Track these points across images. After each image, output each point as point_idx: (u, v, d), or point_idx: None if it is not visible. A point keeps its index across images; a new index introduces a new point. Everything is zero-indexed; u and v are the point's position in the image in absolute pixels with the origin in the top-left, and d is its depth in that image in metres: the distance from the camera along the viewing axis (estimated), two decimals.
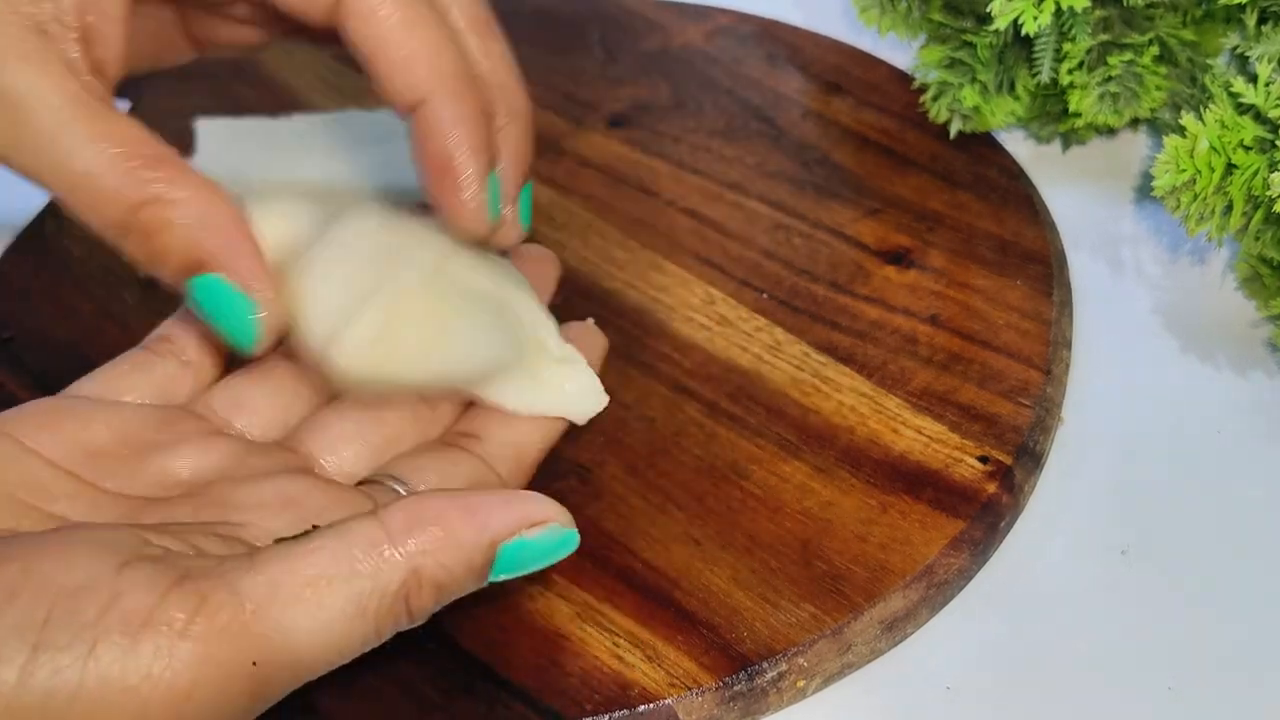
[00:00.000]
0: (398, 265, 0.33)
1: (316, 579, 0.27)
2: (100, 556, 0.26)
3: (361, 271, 0.33)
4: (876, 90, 0.55)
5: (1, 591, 0.25)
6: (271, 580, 0.26)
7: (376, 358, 0.32)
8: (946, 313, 0.45)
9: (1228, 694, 0.36)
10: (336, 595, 0.27)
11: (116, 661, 0.24)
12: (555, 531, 0.30)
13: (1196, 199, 0.42)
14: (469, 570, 0.29)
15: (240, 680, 0.26)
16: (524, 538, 0.29)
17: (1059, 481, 0.42)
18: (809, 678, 0.36)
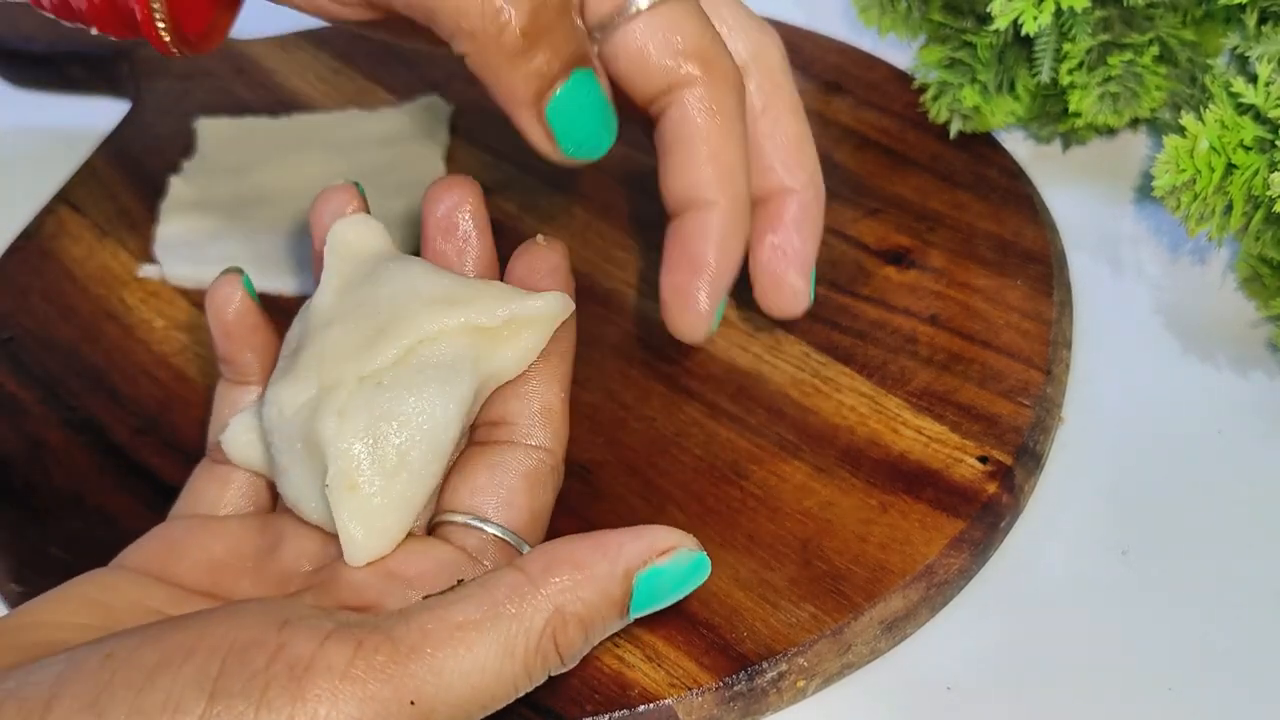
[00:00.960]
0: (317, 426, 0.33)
1: (465, 623, 0.28)
2: (265, 617, 0.28)
3: (308, 465, 0.34)
4: (876, 90, 0.55)
5: (178, 650, 0.27)
6: (423, 627, 0.28)
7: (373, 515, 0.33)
8: (946, 313, 0.45)
9: (1228, 694, 0.36)
10: (485, 637, 0.28)
11: (286, 706, 0.26)
12: (685, 557, 0.31)
13: (1197, 199, 0.42)
14: (609, 603, 0.30)
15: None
16: (656, 565, 0.31)
17: (1059, 481, 0.42)
18: (809, 678, 0.36)
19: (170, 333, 0.47)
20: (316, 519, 0.34)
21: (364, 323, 0.34)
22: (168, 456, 0.42)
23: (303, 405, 0.34)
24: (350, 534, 0.33)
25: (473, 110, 0.55)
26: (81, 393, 0.45)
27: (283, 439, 0.34)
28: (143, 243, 0.50)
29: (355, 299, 0.35)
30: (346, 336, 0.34)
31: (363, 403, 0.33)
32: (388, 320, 0.34)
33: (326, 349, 0.34)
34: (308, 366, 0.34)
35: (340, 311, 0.35)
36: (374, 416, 0.33)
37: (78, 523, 0.41)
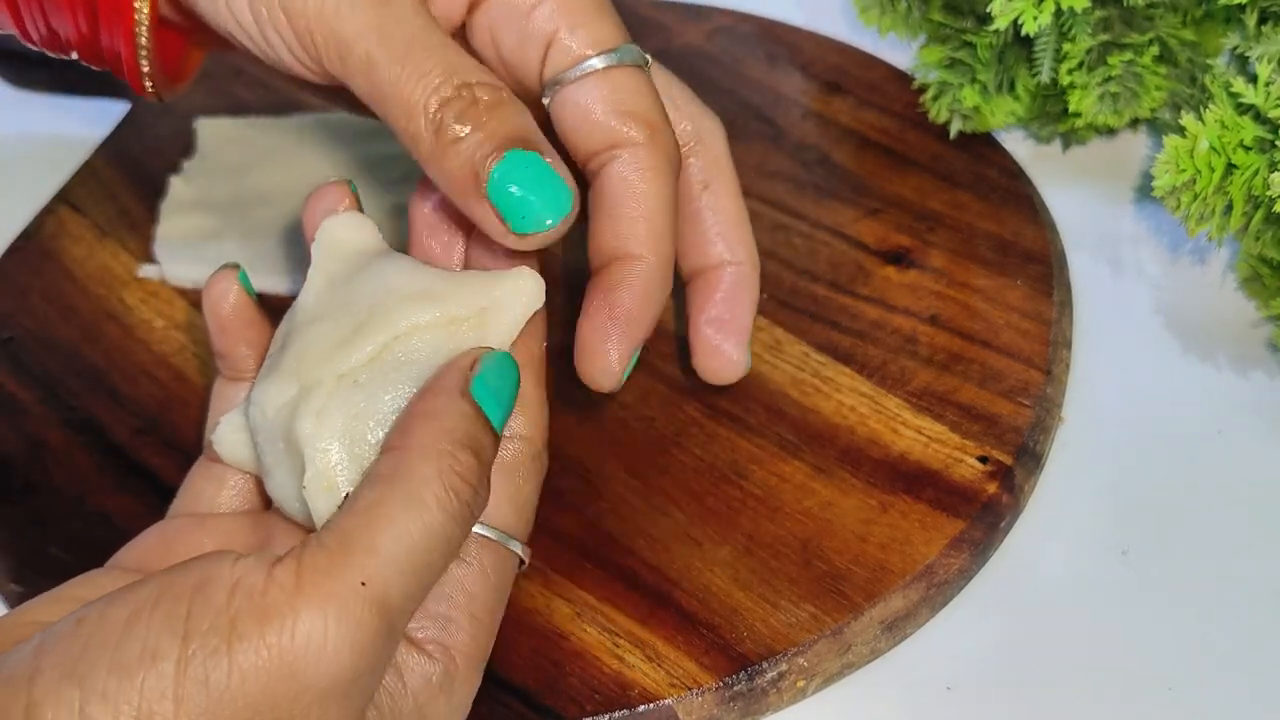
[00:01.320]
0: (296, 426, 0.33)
1: (373, 502, 0.30)
2: (218, 560, 0.29)
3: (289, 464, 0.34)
4: (876, 90, 0.55)
5: (145, 603, 0.28)
6: (340, 525, 0.29)
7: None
8: (946, 313, 0.45)
9: (1228, 694, 0.36)
10: (395, 504, 0.30)
11: (255, 631, 0.27)
12: (489, 360, 0.32)
13: (1196, 199, 0.42)
14: (457, 406, 0.31)
15: (362, 610, 0.28)
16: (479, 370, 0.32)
17: (1059, 481, 0.42)
18: (809, 678, 0.36)
19: (170, 333, 0.47)
20: (300, 519, 0.34)
21: (344, 321, 0.34)
22: (168, 456, 0.42)
23: (284, 405, 0.34)
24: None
25: None
26: (81, 393, 0.45)
27: (266, 439, 0.34)
28: (143, 243, 0.50)
29: (339, 297, 0.35)
30: (327, 335, 0.34)
31: (340, 402, 0.33)
32: (366, 318, 0.34)
33: (308, 348, 0.34)
34: (290, 366, 0.34)
35: (323, 310, 0.35)
36: (350, 416, 0.33)
37: (78, 523, 0.41)
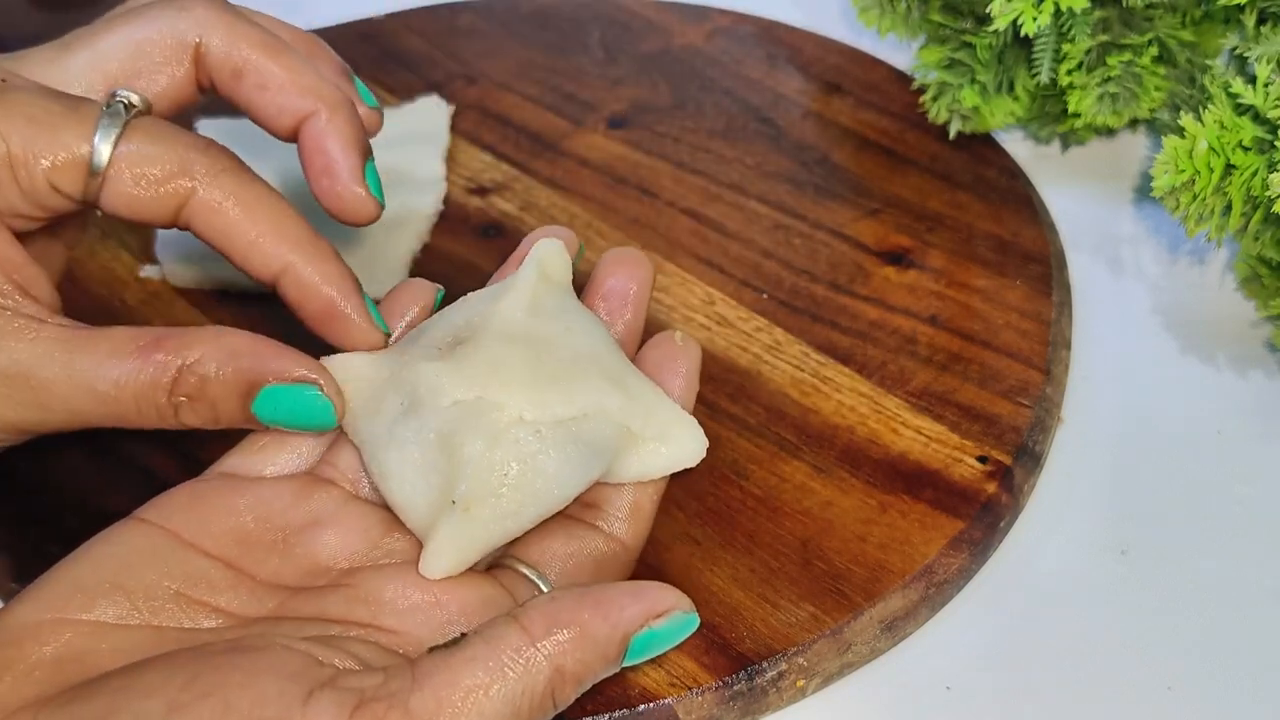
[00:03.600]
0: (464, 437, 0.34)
1: (474, 688, 0.29)
2: (288, 688, 0.29)
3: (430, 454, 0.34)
4: (876, 91, 0.55)
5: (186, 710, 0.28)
6: (436, 695, 0.29)
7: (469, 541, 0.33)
8: (946, 313, 0.45)
9: (1228, 694, 0.36)
10: (493, 701, 0.30)
11: None
12: (678, 619, 0.32)
13: (1195, 199, 0.42)
14: (605, 661, 0.31)
15: None
16: (652, 628, 0.32)
17: (1059, 481, 0.42)
18: (809, 677, 0.36)
19: None
20: (397, 500, 0.34)
21: (546, 359, 0.35)
22: (168, 456, 0.42)
23: (459, 404, 0.34)
24: (441, 550, 0.33)
25: (473, 110, 0.55)
26: None
27: (419, 417, 0.34)
28: (144, 243, 0.50)
29: (542, 330, 0.36)
30: (525, 365, 0.34)
31: (515, 442, 0.34)
32: (567, 372, 0.35)
33: (502, 366, 0.34)
34: (478, 371, 0.34)
35: (526, 334, 0.35)
36: (520, 459, 0.34)
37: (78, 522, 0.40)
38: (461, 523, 0.33)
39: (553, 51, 0.58)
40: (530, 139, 0.54)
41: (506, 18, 0.60)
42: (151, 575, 0.32)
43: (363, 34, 0.59)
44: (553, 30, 0.59)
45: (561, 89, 0.56)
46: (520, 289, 0.36)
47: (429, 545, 0.33)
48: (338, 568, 0.34)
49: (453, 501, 0.33)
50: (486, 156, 0.53)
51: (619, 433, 0.35)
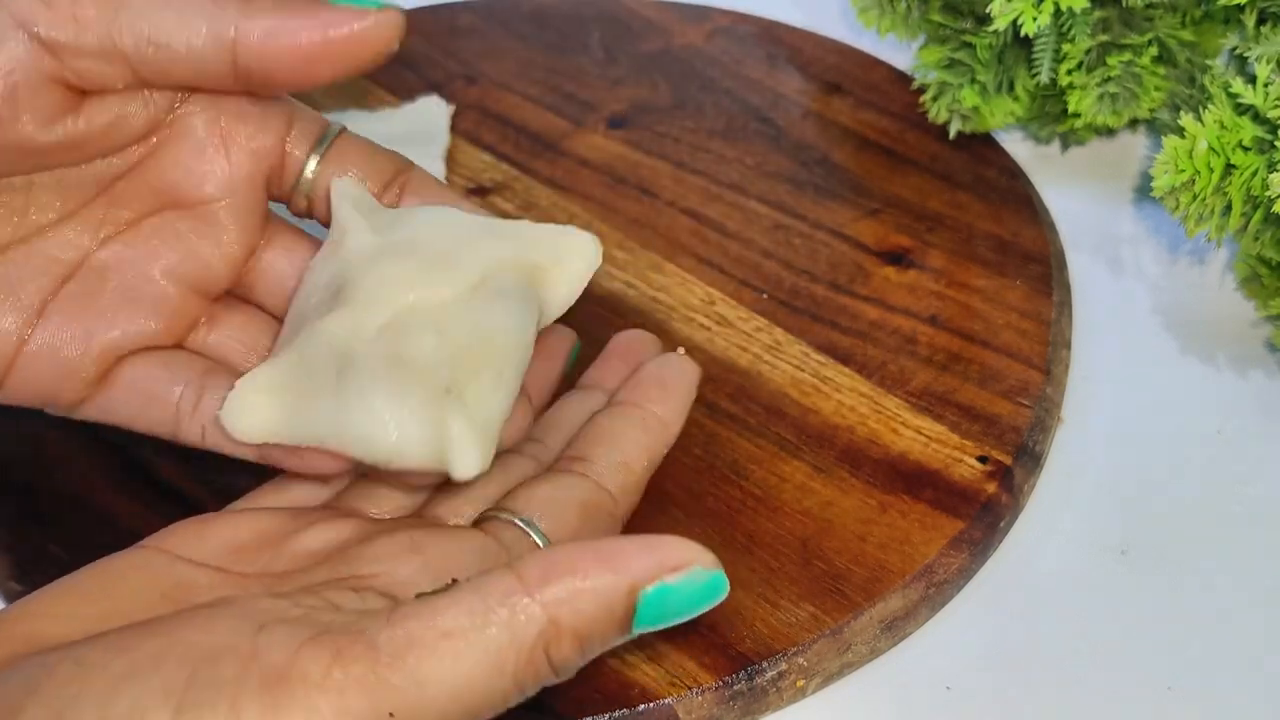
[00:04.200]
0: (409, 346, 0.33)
1: (452, 631, 0.27)
2: (240, 621, 0.27)
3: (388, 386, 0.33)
4: (876, 91, 0.55)
5: (148, 659, 0.26)
6: (408, 633, 0.27)
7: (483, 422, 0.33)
8: (946, 313, 0.45)
9: (1228, 694, 0.36)
10: (472, 647, 0.27)
11: (257, 716, 0.25)
12: (700, 575, 0.28)
13: (1195, 199, 0.42)
14: (610, 618, 0.28)
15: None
16: (666, 583, 0.28)
17: (1059, 481, 0.42)
18: (809, 677, 0.36)
19: None
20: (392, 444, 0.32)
21: (418, 256, 0.34)
22: (167, 456, 0.42)
23: (384, 329, 0.33)
24: (464, 443, 0.32)
25: (473, 110, 0.55)
26: None
27: (357, 366, 0.33)
28: None
29: (395, 238, 0.35)
30: (406, 268, 0.34)
31: (456, 320, 0.33)
32: (449, 251, 0.35)
33: (387, 279, 0.34)
34: (371, 295, 0.34)
35: (384, 249, 0.35)
36: (466, 331, 0.33)
37: (77, 522, 0.41)
38: (464, 408, 0.32)
39: (553, 51, 0.58)
40: (530, 139, 0.54)
41: (506, 18, 0.60)
42: (138, 581, 0.31)
43: None
44: (553, 30, 0.59)
45: (561, 89, 0.56)
46: (347, 224, 0.36)
47: (453, 448, 0.32)
48: (323, 551, 0.33)
49: (447, 390, 0.32)
50: (486, 156, 0.53)
51: (528, 272, 0.35)
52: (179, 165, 0.36)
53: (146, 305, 0.35)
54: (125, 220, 0.36)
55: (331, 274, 0.35)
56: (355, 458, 0.33)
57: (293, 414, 0.34)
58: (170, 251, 0.36)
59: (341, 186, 0.37)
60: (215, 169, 0.36)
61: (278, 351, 0.35)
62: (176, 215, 0.36)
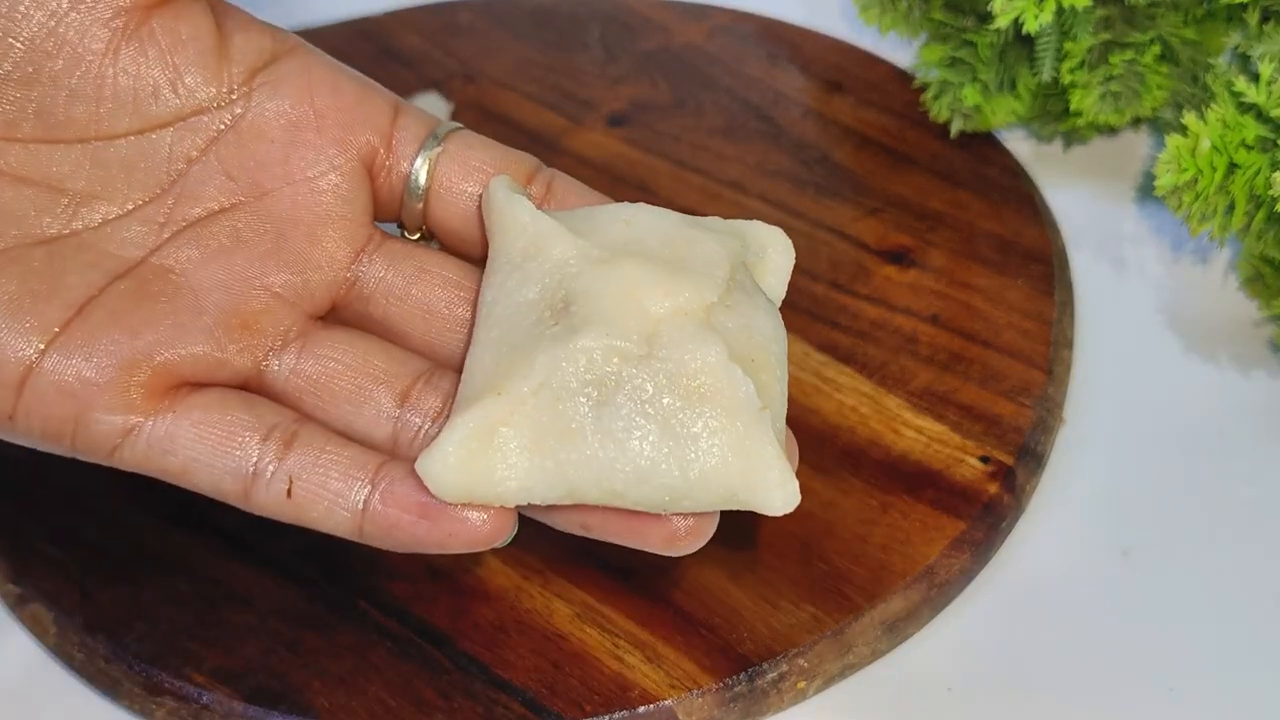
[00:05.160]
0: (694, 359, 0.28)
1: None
2: None
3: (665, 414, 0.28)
4: (877, 89, 0.55)
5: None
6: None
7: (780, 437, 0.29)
8: (947, 312, 0.45)
9: (1228, 694, 0.36)
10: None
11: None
12: None
13: (1198, 198, 0.42)
14: None
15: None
16: None
17: (1060, 482, 0.42)
18: (809, 679, 0.36)
19: None
20: (691, 481, 0.28)
21: (655, 260, 0.29)
22: None
23: (648, 344, 0.28)
24: (785, 473, 0.28)
25: (472, 108, 0.55)
26: None
27: (629, 392, 0.28)
28: None
29: (610, 243, 0.30)
30: (653, 275, 0.29)
31: (729, 328, 0.29)
32: (683, 254, 0.30)
33: (632, 289, 0.29)
34: (620, 309, 0.29)
35: (607, 257, 0.30)
36: (747, 340, 0.29)
37: (76, 522, 0.40)
38: (771, 426, 0.28)
39: (552, 49, 0.58)
40: (529, 137, 0.54)
41: (505, 15, 0.60)
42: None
43: (361, 32, 0.59)
44: (552, 28, 0.59)
45: (561, 87, 0.56)
46: (544, 228, 0.30)
47: (769, 480, 0.28)
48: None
49: (762, 409, 0.28)
50: None
51: (751, 269, 0.32)
52: (260, 145, 0.30)
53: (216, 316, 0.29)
54: (197, 214, 0.30)
55: (542, 287, 0.30)
56: (627, 506, 0.29)
57: (533, 462, 0.28)
58: (251, 252, 0.30)
59: (505, 183, 0.32)
60: (306, 150, 0.30)
61: (486, 388, 0.29)
62: (259, 208, 0.30)
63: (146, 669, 0.36)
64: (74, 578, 0.39)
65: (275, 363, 0.30)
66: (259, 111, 0.30)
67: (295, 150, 0.30)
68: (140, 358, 0.28)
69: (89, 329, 0.28)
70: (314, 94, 0.31)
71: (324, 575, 0.38)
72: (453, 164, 0.32)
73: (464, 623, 0.37)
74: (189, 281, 0.29)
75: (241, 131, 0.30)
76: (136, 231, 0.29)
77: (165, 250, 0.29)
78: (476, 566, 0.38)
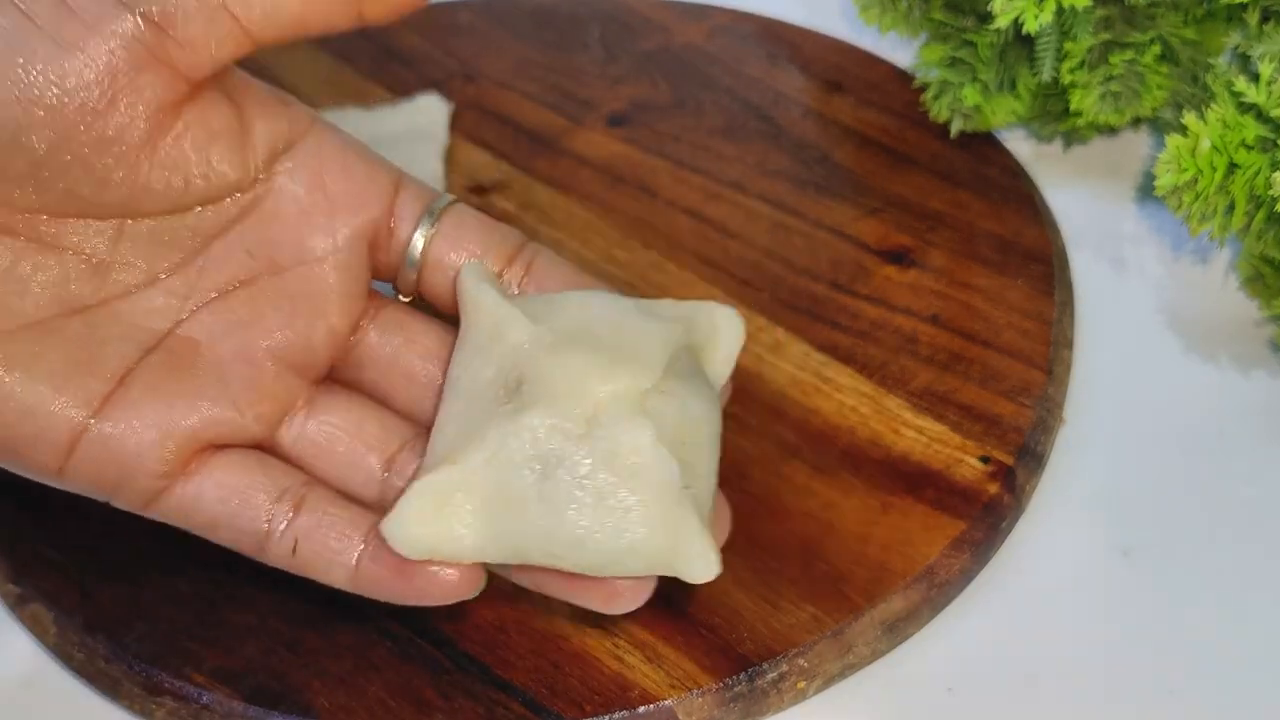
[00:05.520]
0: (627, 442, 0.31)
1: None
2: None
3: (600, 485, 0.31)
4: (877, 89, 0.55)
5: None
6: None
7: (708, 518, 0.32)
8: (947, 312, 0.45)
9: (1229, 694, 0.36)
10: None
11: None
12: None
13: (1198, 198, 0.42)
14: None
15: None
16: None
17: (1060, 482, 0.42)
18: (810, 679, 0.36)
19: None
20: (622, 549, 0.31)
21: (599, 347, 0.33)
22: None
23: (587, 424, 0.31)
24: (703, 547, 0.31)
25: (472, 108, 0.55)
26: None
27: (568, 467, 0.31)
28: None
29: (561, 328, 0.33)
30: (595, 361, 0.32)
31: (662, 411, 0.32)
32: (627, 340, 0.33)
33: (575, 373, 0.32)
34: (564, 391, 0.32)
35: (557, 342, 0.33)
36: (678, 423, 0.32)
37: (76, 523, 0.40)
38: (699, 507, 0.31)
39: (552, 49, 0.58)
40: (529, 137, 0.54)
41: (505, 15, 0.60)
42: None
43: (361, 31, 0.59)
44: (552, 28, 0.59)
45: (561, 87, 0.56)
46: (502, 313, 0.33)
47: (691, 553, 0.31)
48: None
49: (685, 487, 0.31)
50: (485, 155, 0.53)
51: (695, 353, 0.35)
52: (278, 225, 0.33)
53: (238, 387, 0.32)
54: (218, 287, 0.33)
55: (499, 368, 0.33)
56: (566, 568, 0.32)
57: (484, 525, 0.32)
58: (267, 325, 0.33)
59: (475, 270, 0.35)
60: (317, 231, 0.34)
61: (445, 456, 0.32)
62: (273, 284, 0.33)
63: (146, 669, 0.37)
64: (74, 578, 0.39)
65: (286, 428, 0.34)
66: (278, 195, 0.34)
67: (309, 232, 0.34)
68: (175, 428, 0.32)
69: (130, 400, 0.32)
70: (326, 178, 0.34)
71: None
72: (445, 241, 0.35)
73: (464, 623, 0.37)
74: (213, 353, 0.33)
75: (262, 213, 0.33)
76: (162, 302, 0.32)
77: (190, 323, 0.33)
78: None
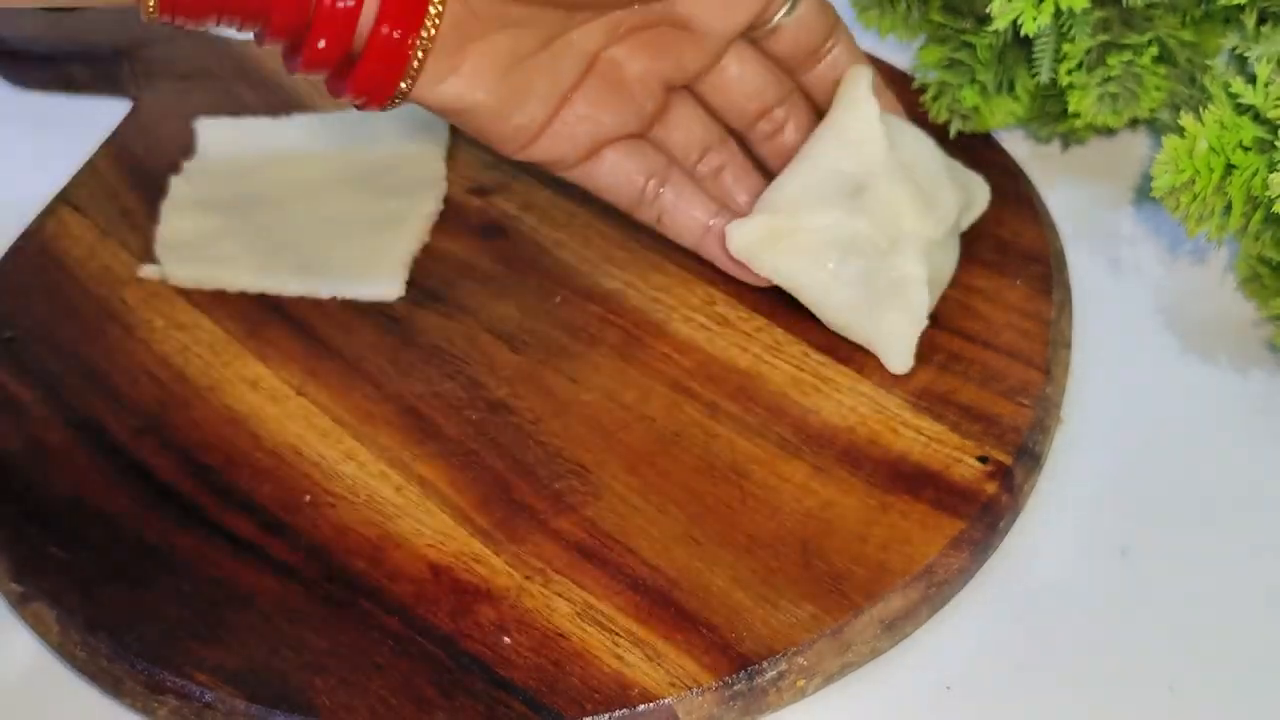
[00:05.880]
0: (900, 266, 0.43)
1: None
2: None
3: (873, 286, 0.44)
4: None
5: None
6: None
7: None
8: (946, 312, 0.45)
9: (1228, 694, 0.36)
10: None
11: None
12: None
13: (1196, 199, 0.42)
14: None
15: None
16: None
17: (1059, 481, 0.42)
18: (809, 677, 0.36)
19: (170, 333, 0.47)
20: (857, 322, 0.43)
21: (916, 187, 0.44)
22: (168, 456, 0.42)
23: (884, 239, 0.43)
24: (906, 349, 0.43)
25: None
26: (81, 393, 0.45)
27: (863, 263, 0.43)
28: (144, 243, 0.50)
29: (899, 162, 0.44)
30: (913, 200, 0.44)
31: (935, 257, 0.44)
32: (934, 191, 0.45)
33: (897, 204, 0.43)
34: (888, 212, 0.43)
35: (894, 167, 0.44)
36: (938, 267, 0.44)
37: (77, 522, 0.41)
38: (915, 327, 0.43)
39: None
40: None
41: None
42: None
43: None
44: None
45: None
46: (872, 129, 0.44)
47: (900, 348, 0.43)
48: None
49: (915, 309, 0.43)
50: (486, 156, 0.53)
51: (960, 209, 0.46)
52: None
53: (632, 100, 0.43)
54: (631, 26, 0.43)
55: (853, 170, 0.44)
56: (821, 317, 0.44)
57: (784, 258, 0.44)
58: (661, 58, 0.43)
59: (865, 78, 0.45)
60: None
61: (789, 208, 0.44)
62: (672, 31, 0.43)
63: (149, 668, 0.37)
64: (76, 577, 0.39)
65: (656, 129, 0.46)
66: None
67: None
68: (601, 130, 0.44)
69: (574, 110, 0.43)
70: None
71: (326, 575, 0.39)
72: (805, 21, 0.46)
73: (465, 622, 0.37)
74: (626, 72, 0.43)
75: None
76: (600, 33, 0.42)
77: (613, 48, 0.43)
78: (478, 565, 0.39)
